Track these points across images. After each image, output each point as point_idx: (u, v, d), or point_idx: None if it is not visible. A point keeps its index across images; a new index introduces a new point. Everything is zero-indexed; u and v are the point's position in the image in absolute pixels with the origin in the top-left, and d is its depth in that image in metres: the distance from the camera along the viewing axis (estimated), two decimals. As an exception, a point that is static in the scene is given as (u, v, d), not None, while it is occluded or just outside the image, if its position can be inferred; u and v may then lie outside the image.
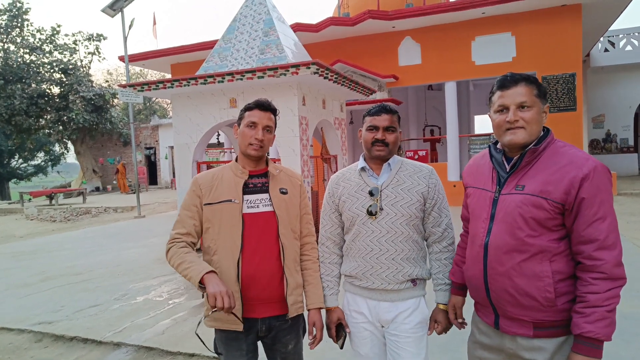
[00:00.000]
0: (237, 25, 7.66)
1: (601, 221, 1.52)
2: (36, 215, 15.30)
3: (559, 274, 1.58)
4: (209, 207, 2.03)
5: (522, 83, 1.63)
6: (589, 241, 1.52)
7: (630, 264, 5.71)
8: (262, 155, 2.08)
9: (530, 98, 1.62)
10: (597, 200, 1.52)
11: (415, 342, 2.00)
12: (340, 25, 12.71)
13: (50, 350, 4.11)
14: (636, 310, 4.19)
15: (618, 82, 16.59)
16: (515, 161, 1.66)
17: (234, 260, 1.97)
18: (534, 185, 1.59)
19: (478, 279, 1.73)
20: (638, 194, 11.41)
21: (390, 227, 2.00)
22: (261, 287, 1.98)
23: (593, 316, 1.48)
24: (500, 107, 1.67)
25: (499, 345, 1.73)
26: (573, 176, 1.53)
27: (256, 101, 2.07)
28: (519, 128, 1.62)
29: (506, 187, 1.67)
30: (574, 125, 11.53)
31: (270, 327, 2.03)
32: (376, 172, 2.08)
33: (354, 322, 2.12)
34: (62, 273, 6.80)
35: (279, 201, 2.06)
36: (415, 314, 2.03)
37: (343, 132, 9.03)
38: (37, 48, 22.55)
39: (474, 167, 1.89)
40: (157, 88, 7.36)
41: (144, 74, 33.54)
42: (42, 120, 23.03)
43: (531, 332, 1.62)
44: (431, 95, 17.35)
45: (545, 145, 1.63)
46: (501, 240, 1.64)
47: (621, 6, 11.51)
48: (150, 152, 26.31)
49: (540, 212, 1.56)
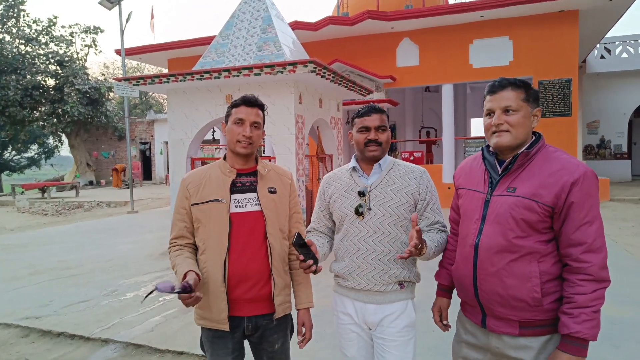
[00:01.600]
0: (235, 22, 7.62)
1: (589, 225, 1.57)
2: (28, 208, 15.18)
3: (546, 274, 1.62)
4: (196, 207, 2.01)
5: (509, 88, 1.68)
6: (577, 244, 1.57)
7: (621, 269, 5.75)
8: (251, 153, 2.05)
9: (516, 102, 1.66)
10: (586, 205, 1.57)
11: (402, 346, 2.00)
12: (339, 25, 12.69)
13: (36, 345, 4.06)
14: (625, 315, 4.20)
15: (613, 88, 16.68)
16: (507, 164, 1.70)
17: (220, 260, 1.95)
18: (526, 188, 1.63)
19: (467, 279, 1.76)
20: (630, 200, 11.48)
21: (377, 227, 2.00)
22: (248, 287, 1.96)
23: (581, 317, 1.53)
24: (488, 111, 1.73)
25: (485, 345, 1.77)
26: (564, 181, 1.58)
27: (242, 97, 2.03)
28: (504, 131, 1.67)
29: (498, 188, 1.71)
30: (568, 130, 11.59)
31: (257, 326, 2.02)
32: (367, 173, 2.09)
33: (341, 323, 2.12)
34: (52, 267, 6.74)
35: (267, 201, 2.03)
36: (402, 317, 2.02)
37: (339, 131, 9.00)
38: (32, 39, 22.36)
39: (466, 169, 1.92)
40: (153, 82, 7.30)
41: (140, 68, 33.37)
42: (36, 112, 22.86)
43: (517, 331, 1.66)
44: (428, 96, 17.38)
45: (537, 149, 1.67)
46: (492, 241, 1.67)
47: (618, 13, 11.58)
48: (145, 147, 26.16)
49: (531, 215, 1.60)
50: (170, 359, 3.66)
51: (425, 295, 2.66)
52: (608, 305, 4.55)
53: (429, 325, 2.94)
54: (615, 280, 5.77)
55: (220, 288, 1.94)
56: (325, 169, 8.59)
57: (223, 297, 1.94)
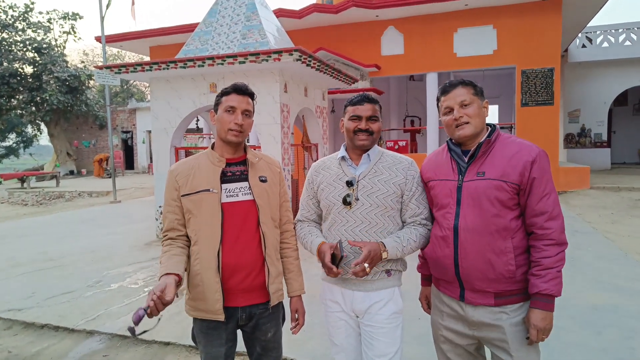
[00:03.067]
0: (218, 9, 7.49)
1: (548, 196, 1.81)
2: (7, 198, 14.86)
3: (518, 248, 1.84)
4: (187, 198, 1.99)
5: (459, 86, 1.92)
6: (540, 213, 1.81)
7: (601, 256, 5.88)
8: (241, 141, 2.04)
9: (469, 97, 1.90)
10: (543, 179, 1.82)
11: (389, 333, 2.03)
12: (324, 13, 12.58)
13: (20, 338, 4.00)
14: (606, 302, 4.29)
15: (594, 78, 16.91)
16: (472, 152, 1.90)
17: (214, 251, 1.94)
18: (494, 171, 1.84)
19: (448, 258, 1.92)
20: (610, 188, 11.71)
21: (364, 217, 2.02)
22: (242, 276, 1.97)
23: (547, 277, 1.76)
24: (446, 109, 1.95)
25: (463, 316, 1.95)
26: (525, 160, 1.81)
27: (233, 85, 2.02)
28: (465, 123, 1.89)
29: (467, 174, 1.90)
30: (550, 119, 11.74)
31: (251, 316, 2.03)
32: (355, 162, 2.10)
33: (330, 311, 2.15)
34: (33, 259, 6.62)
35: (259, 190, 2.03)
36: (390, 304, 2.04)
37: (324, 120, 8.98)
38: (9, 25, 21.67)
39: (432, 163, 2.08)
40: (135, 70, 7.16)
41: (121, 55, 32.69)
42: (14, 100, 22.27)
43: (493, 301, 1.86)
44: (413, 85, 17.41)
45: (495, 137, 1.91)
46: (470, 222, 1.85)
47: (600, 3, 11.70)
48: (127, 135, 25.76)
49: (502, 194, 1.81)
50: (157, 349, 3.64)
51: (412, 284, 2.69)
52: (589, 292, 4.65)
53: (415, 313, 2.99)
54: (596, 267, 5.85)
55: (215, 279, 1.93)
56: (310, 158, 8.58)
57: (217, 288, 1.93)
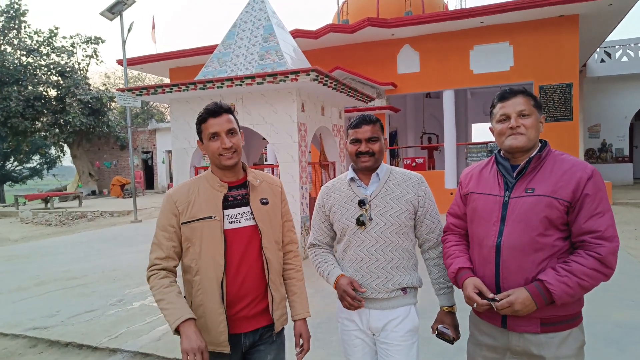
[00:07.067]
0: (237, 31, 7.68)
1: (600, 215, 1.65)
2: (31, 218, 15.21)
3: None
4: (187, 225, 1.88)
5: (520, 95, 1.81)
6: (589, 232, 1.64)
7: (624, 272, 5.75)
8: (238, 162, 1.94)
9: (529, 107, 1.79)
10: (597, 197, 1.67)
11: (405, 350, 2.02)
12: (340, 33, 12.77)
13: (45, 356, 4.07)
14: (630, 319, 4.20)
15: (614, 92, 16.73)
16: (522, 167, 1.78)
17: (217, 281, 1.85)
18: (544, 188, 1.71)
19: (488, 279, 1.78)
20: (633, 204, 11.47)
21: (379, 236, 2.02)
22: (245, 304, 1.91)
23: (563, 278, 1.60)
24: (502, 117, 1.82)
25: (505, 344, 1.79)
26: (579, 177, 1.68)
27: (205, 109, 1.88)
28: (520, 134, 1.77)
29: (515, 190, 1.77)
30: (570, 134, 11.60)
31: (254, 341, 1.96)
32: (365, 182, 2.11)
33: (346, 329, 2.14)
34: (57, 277, 6.75)
35: (260, 213, 1.95)
36: (406, 322, 2.04)
37: (341, 139, 9.04)
38: (34, 50, 22.47)
39: (476, 175, 1.97)
40: (155, 92, 7.36)
41: (141, 77, 33.52)
42: (38, 122, 22.93)
43: (539, 328, 1.70)
44: (429, 103, 17.43)
45: (546, 153, 1.79)
46: (516, 240, 1.72)
47: (618, 17, 11.64)
48: (147, 156, 26.24)
49: (552, 211, 1.68)
50: (178, 368, 3.67)
51: (429, 302, 2.67)
52: (612, 309, 4.55)
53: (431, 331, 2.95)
54: (619, 284, 5.72)
55: (219, 310, 1.85)
56: (328, 176, 8.62)
57: (222, 319, 1.85)
